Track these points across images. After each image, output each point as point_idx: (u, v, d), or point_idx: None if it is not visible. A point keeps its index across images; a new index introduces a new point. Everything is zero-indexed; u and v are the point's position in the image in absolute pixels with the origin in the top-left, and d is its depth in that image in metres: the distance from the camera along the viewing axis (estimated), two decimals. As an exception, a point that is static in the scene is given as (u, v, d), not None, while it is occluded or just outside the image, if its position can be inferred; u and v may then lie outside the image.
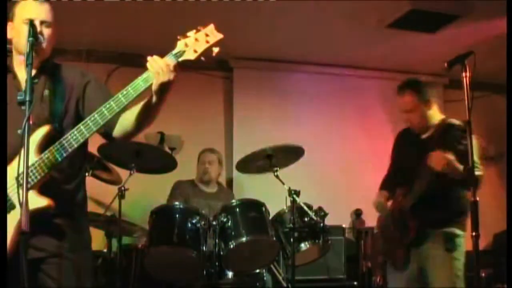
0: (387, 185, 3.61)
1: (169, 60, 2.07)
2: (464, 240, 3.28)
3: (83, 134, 2.08)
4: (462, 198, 3.28)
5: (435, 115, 3.43)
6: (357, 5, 4.57)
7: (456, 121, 3.31)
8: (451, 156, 3.06)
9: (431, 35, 5.19)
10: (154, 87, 2.07)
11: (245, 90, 5.84)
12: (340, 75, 6.11)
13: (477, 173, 3.05)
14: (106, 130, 2.23)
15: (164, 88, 2.07)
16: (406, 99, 3.41)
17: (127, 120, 2.21)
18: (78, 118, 2.22)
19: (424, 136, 3.44)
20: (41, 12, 2.21)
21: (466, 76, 2.76)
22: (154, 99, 2.11)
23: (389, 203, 3.51)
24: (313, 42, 5.43)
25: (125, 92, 2.09)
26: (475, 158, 3.09)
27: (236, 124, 5.78)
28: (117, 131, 2.25)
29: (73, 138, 2.07)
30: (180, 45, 2.11)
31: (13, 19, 2.25)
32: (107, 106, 2.08)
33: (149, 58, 2.08)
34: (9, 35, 2.25)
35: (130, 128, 2.23)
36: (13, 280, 1.88)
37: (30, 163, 1.99)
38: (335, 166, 5.85)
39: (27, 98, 1.90)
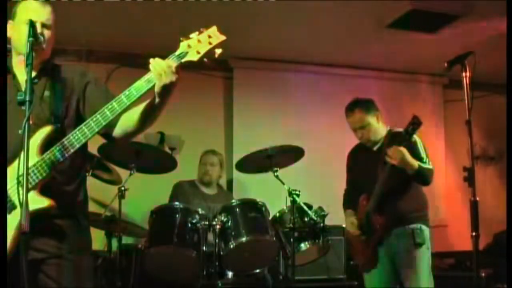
0: (350, 202, 3.81)
1: (172, 62, 2.06)
2: (429, 234, 3.53)
3: (85, 134, 2.08)
4: (419, 193, 3.57)
5: (382, 127, 3.69)
6: (357, 5, 4.57)
7: (400, 129, 3.49)
8: (404, 150, 3.29)
9: (431, 35, 5.19)
10: (156, 89, 2.07)
11: (245, 90, 5.84)
12: (340, 75, 6.10)
13: (426, 166, 3.39)
14: (106, 131, 2.23)
15: (166, 90, 2.07)
16: (356, 116, 3.68)
17: (128, 120, 2.20)
18: (79, 119, 2.22)
19: (375, 148, 3.69)
20: (43, 14, 2.21)
21: (466, 76, 2.77)
22: (156, 100, 2.10)
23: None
24: (313, 42, 5.43)
25: (127, 93, 2.08)
26: (423, 154, 3.45)
27: (236, 124, 5.78)
28: (117, 132, 2.24)
29: (75, 138, 2.07)
30: (182, 46, 2.11)
31: (13, 18, 2.24)
32: (109, 107, 2.08)
33: (151, 60, 2.07)
34: (8, 34, 2.25)
35: (130, 129, 2.22)
36: (14, 281, 1.88)
37: (31, 164, 2.00)
38: (335, 166, 5.81)
39: (27, 98, 1.90)
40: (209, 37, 2.10)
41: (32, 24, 2.05)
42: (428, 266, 3.47)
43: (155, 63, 2.05)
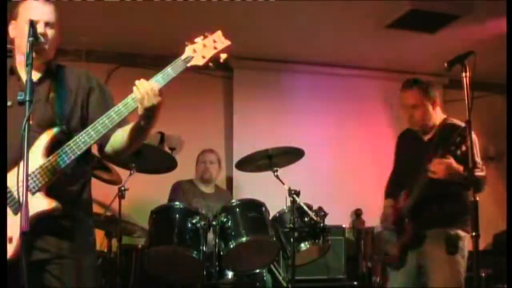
0: (392, 191, 3.59)
1: (155, 84, 2.08)
2: (467, 242, 3.25)
3: (92, 137, 2.10)
4: (462, 197, 3.25)
5: (438, 115, 3.44)
6: (357, 5, 4.57)
7: (456, 122, 3.31)
8: (451, 161, 3.07)
9: (431, 35, 5.19)
10: (139, 111, 2.09)
11: (245, 90, 5.84)
12: (340, 75, 6.11)
13: (478, 173, 3.07)
14: (101, 142, 2.25)
15: (149, 112, 2.09)
16: (413, 94, 3.41)
17: (118, 138, 2.23)
18: (83, 121, 2.24)
19: (425, 138, 3.44)
20: (45, 13, 2.20)
21: (466, 76, 2.76)
22: (142, 123, 2.13)
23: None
24: (313, 42, 5.43)
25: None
26: (477, 158, 3.13)
27: (236, 124, 5.78)
28: (108, 148, 2.28)
29: (81, 141, 2.09)
30: (188, 50, 2.13)
31: (16, 19, 2.24)
32: (116, 109, 2.11)
33: (136, 82, 2.08)
34: (12, 35, 2.25)
35: (120, 147, 2.25)
36: (20, 281, 1.88)
37: (37, 166, 2.02)
38: (335, 166, 5.85)
39: (27, 98, 1.90)
40: (214, 42, 2.14)
41: (32, 24, 2.05)
42: (459, 275, 3.23)
43: (139, 86, 2.07)
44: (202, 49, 2.13)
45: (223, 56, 2.15)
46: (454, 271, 3.22)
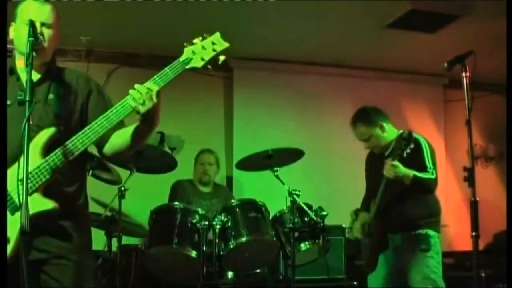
0: (365, 205, 3.79)
1: (153, 86, 2.06)
2: (439, 240, 3.49)
3: (90, 137, 2.09)
4: (427, 200, 3.53)
5: (391, 134, 3.65)
6: (357, 5, 4.57)
7: (404, 131, 3.47)
8: (396, 163, 3.31)
9: (431, 35, 5.19)
10: (138, 117, 2.09)
11: (245, 90, 5.84)
12: (340, 75, 6.11)
13: (426, 176, 3.37)
14: (99, 143, 2.25)
15: (147, 116, 2.08)
16: (359, 131, 3.70)
17: (119, 139, 2.23)
18: (83, 123, 2.23)
19: (387, 153, 3.64)
20: (42, 13, 2.20)
21: (466, 76, 2.76)
22: (141, 127, 2.13)
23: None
24: (313, 42, 5.43)
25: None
26: (427, 162, 3.42)
27: (236, 124, 5.78)
28: (107, 150, 2.27)
29: (79, 141, 2.08)
30: (187, 52, 2.12)
31: (14, 20, 2.24)
32: (114, 110, 2.10)
33: (130, 91, 2.05)
34: (11, 36, 2.25)
35: (119, 149, 2.25)
36: (18, 281, 1.88)
37: (34, 166, 2.01)
38: (335, 166, 5.85)
39: (27, 98, 1.90)
40: (213, 43, 2.12)
41: (32, 24, 2.05)
42: (436, 271, 3.43)
43: (134, 93, 2.05)
44: (201, 51, 2.12)
45: (222, 58, 2.14)
46: (430, 269, 3.40)
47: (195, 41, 2.13)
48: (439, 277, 3.43)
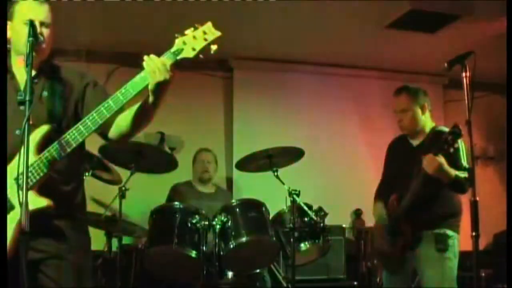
0: (382, 194, 3.65)
1: (166, 60, 2.05)
2: (457, 241, 3.34)
3: (82, 133, 2.07)
4: (452, 199, 3.39)
5: (427, 122, 3.53)
6: (357, 5, 4.57)
7: (445, 128, 3.37)
8: (442, 160, 3.13)
9: (431, 35, 5.19)
10: (150, 87, 2.05)
11: (245, 90, 5.84)
12: (340, 75, 6.10)
13: (464, 175, 3.19)
14: (103, 131, 2.22)
15: (160, 87, 2.05)
16: (401, 99, 3.55)
17: (123, 121, 2.20)
18: (77, 120, 2.20)
19: (415, 143, 3.53)
20: (40, 13, 2.20)
21: (466, 76, 2.77)
22: (150, 99, 2.09)
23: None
24: (313, 42, 5.43)
25: (123, 91, 2.07)
26: (463, 161, 3.25)
27: (236, 124, 5.77)
28: (113, 132, 2.24)
29: (71, 137, 2.06)
30: (178, 43, 2.09)
31: (12, 19, 2.24)
32: (106, 105, 2.07)
33: (145, 57, 2.05)
34: (8, 35, 2.24)
35: (126, 129, 2.21)
36: (13, 281, 1.88)
37: (30, 163, 1.98)
38: (335, 166, 5.85)
39: (27, 98, 1.90)
40: (204, 33, 2.08)
41: (32, 24, 2.05)
42: (451, 273, 3.29)
43: (149, 60, 2.04)
44: (192, 41, 2.07)
45: (214, 47, 2.08)
46: (446, 269, 3.28)
47: (187, 31, 2.09)
48: (453, 280, 3.29)
